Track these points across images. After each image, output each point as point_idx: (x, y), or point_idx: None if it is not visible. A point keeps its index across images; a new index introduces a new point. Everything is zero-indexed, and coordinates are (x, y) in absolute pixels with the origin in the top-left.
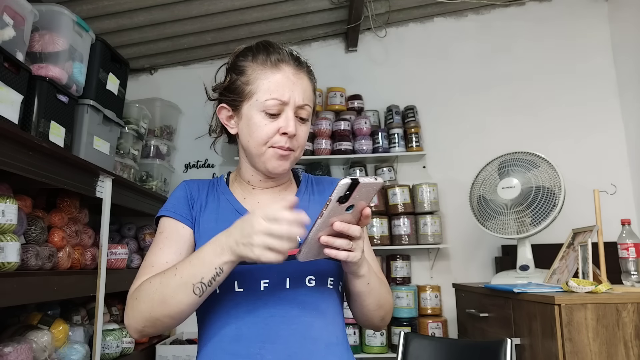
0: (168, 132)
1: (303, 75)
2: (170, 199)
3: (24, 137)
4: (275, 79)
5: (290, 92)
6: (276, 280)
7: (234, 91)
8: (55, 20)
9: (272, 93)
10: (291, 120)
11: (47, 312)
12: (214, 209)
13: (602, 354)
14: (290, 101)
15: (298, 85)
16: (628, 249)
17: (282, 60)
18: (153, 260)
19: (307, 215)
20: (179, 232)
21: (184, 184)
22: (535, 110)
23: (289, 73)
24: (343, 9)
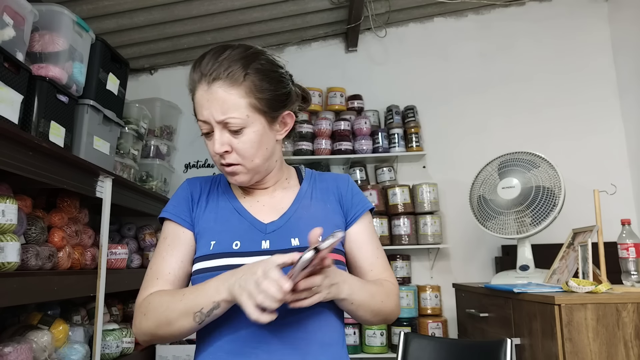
0: (168, 132)
1: (217, 88)
2: (172, 199)
3: (24, 137)
4: (195, 99)
5: (207, 110)
6: None
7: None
8: (55, 20)
9: (197, 114)
10: (217, 140)
11: (47, 312)
12: (213, 208)
13: (602, 354)
14: (211, 120)
15: (212, 102)
16: (628, 249)
17: (196, 78)
18: (157, 270)
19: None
20: (179, 238)
21: (186, 183)
22: (535, 110)
23: (202, 91)
24: (343, 9)
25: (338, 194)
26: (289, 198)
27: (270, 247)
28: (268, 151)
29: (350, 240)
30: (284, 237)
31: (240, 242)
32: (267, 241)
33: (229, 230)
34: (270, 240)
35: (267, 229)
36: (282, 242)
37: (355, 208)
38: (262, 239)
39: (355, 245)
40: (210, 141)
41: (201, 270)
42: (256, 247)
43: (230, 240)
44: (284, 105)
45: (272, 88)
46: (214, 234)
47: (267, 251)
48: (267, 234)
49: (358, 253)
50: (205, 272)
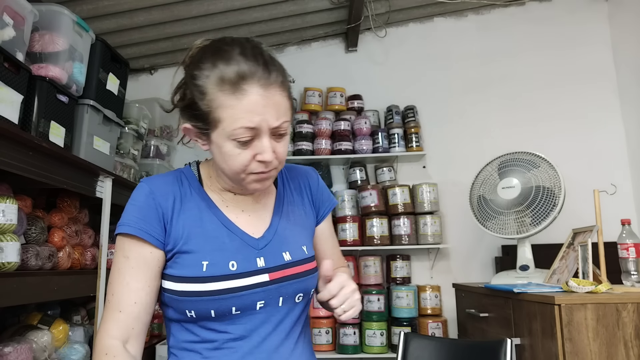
0: (168, 132)
1: (274, 91)
2: (133, 209)
3: (24, 137)
4: (241, 106)
5: (260, 116)
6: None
7: (198, 116)
8: (55, 20)
9: (239, 121)
10: (268, 146)
11: (47, 312)
12: (197, 219)
13: (602, 354)
14: (262, 126)
15: (270, 107)
16: (628, 249)
17: (244, 76)
18: (119, 301)
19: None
20: (146, 259)
21: (147, 187)
22: (535, 110)
23: (257, 94)
24: (343, 9)
25: (310, 193)
26: (270, 202)
27: (266, 264)
28: None
29: (318, 235)
30: (276, 251)
31: (236, 263)
32: (261, 258)
33: (221, 249)
34: (264, 257)
35: (259, 245)
36: (275, 257)
37: (325, 205)
38: (256, 257)
39: (321, 239)
40: (246, 150)
41: (194, 293)
42: (252, 267)
43: (226, 261)
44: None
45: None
46: (204, 252)
47: (263, 269)
48: (260, 250)
49: (323, 246)
50: (200, 296)
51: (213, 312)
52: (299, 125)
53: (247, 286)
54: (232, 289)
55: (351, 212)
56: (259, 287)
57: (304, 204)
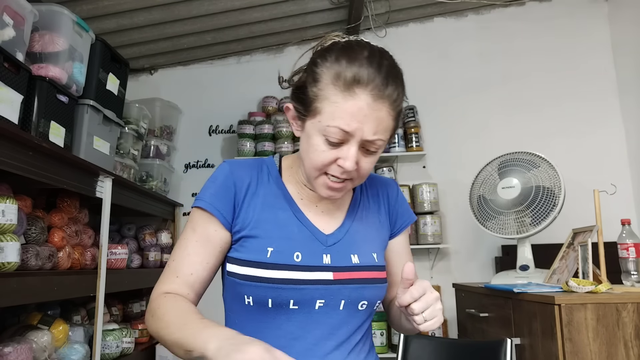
0: (168, 132)
1: (382, 105)
2: (211, 186)
3: (24, 137)
4: (345, 107)
5: (359, 124)
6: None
7: (302, 100)
8: (55, 20)
9: (336, 120)
10: (353, 155)
11: (47, 312)
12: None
13: (602, 354)
14: (356, 134)
15: (371, 118)
16: (628, 249)
17: (360, 80)
18: (178, 267)
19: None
20: (209, 236)
21: (227, 167)
22: (535, 110)
23: (363, 102)
24: (343, 9)
25: (387, 203)
26: (345, 204)
27: (332, 262)
28: None
29: (392, 250)
30: (344, 252)
31: (301, 254)
32: (328, 255)
33: (289, 238)
34: (331, 255)
35: (328, 241)
36: (343, 258)
37: (402, 219)
38: (323, 252)
39: (395, 253)
40: (332, 150)
41: (254, 278)
42: (318, 262)
43: (291, 251)
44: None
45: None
46: (271, 239)
47: (328, 266)
48: (328, 247)
49: (397, 261)
50: (260, 282)
51: (271, 301)
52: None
53: (308, 280)
54: (292, 280)
55: None
56: (321, 284)
57: (380, 213)
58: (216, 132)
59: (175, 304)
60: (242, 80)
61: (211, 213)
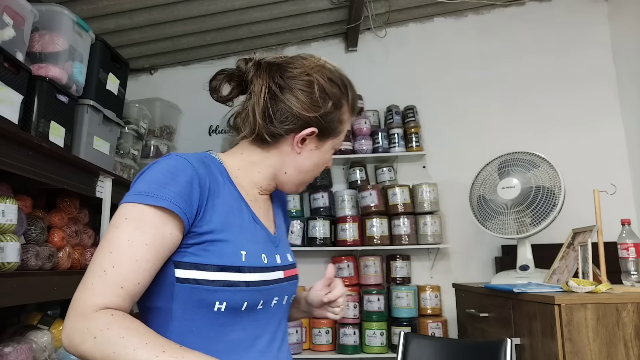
0: (168, 132)
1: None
2: (168, 182)
3: (24, 137)
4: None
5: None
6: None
7: (330, 123)
8: (55, 20)
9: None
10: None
11: (47, 312)
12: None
13: (602, 354)
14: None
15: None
16: (628, 249)
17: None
18: (124, 276)
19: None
20: (164, 240)
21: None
22: (535, 110)
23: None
24: (343, 9)
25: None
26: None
27: (281, 262)
28: None
29: None
30: (284, 251)
31: (266, 256)
32: (278, 255)
33: (255, 242)
34: (279, 255)
35: (275, 242)
36: (285, 257)
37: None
38: (275, 253)
39: None
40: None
41: (233, 283)
42: (274, 262)
43: (259, 253)
44: None
45: None
46: (242, 242)
47: (280, 266)
48: (276, 247)
49: None
50: (239, 286)
51: (246, 304)
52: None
53: (271, 280)
54: (263, 282)
55: (351, 212)
56: (277, 283)
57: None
58: (216, 132)
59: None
60: None
61: (175, 214)
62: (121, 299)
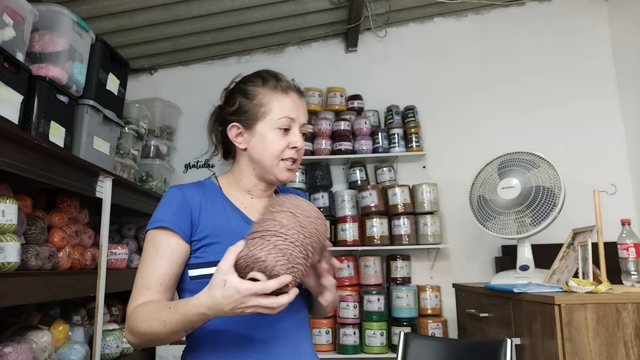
0: (168, 132)
1: (304, 101)
2: (166, 208)
3: (24, 137)
4: (287, 102)
5: (297, 112)
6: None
7: (247, 113)
8: (55, 20)
9: (284, 112)
10: (298, 135)
11: (47, 312)
12: (222, 216)
13: (602, 354)
14: (297, 120)
15: (302, 108)
16: (628, 249)
17: (289, 87)
18: (148, 281)
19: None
20: (173, 250)
21: (179, 190)
22: (535, 110)
23: (295, 97)
24: (343, 9)
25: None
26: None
27: None
28: None
29: None
30: None
31: None
32: None
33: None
34: None
35: None
36: None
37: None
38: None
39: None
40: (284, 137)
41: None
42: None
43: None
44: None
45: None
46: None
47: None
48: None
49: None
50: None
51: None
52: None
53: None
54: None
55: (351, 212)
56: None
57: None
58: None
59: (152, 305)
60: None
61: (173, 230)
62: (149, 296)
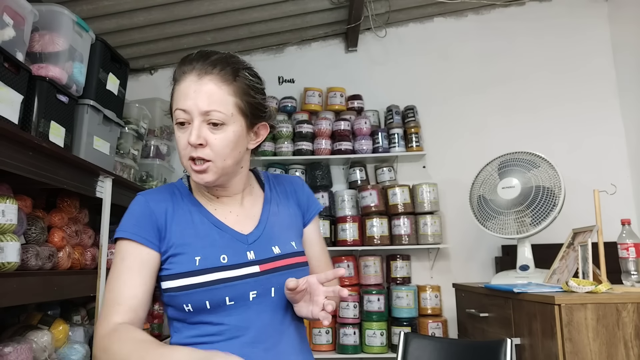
0: (168, 132)
1: (208, 80)
2: (129, 218)
3: (24, 137)
4: (179, 89)
5: (191, 100)
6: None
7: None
8: (55, 20)
9: (176, 104)
10: (195, 129)
11: (47, 312)
12: (189, 222)
13: (602, 354)
14: (193, 109)
15: (200, 93)
16: (628, 249)
17: (187, 70)
18: (118, 295)
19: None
20: (142, 259)
21: (142, 198)
22: (535, 110)
23: (191, 82)
24: (343, 9)
25: (296, 197)
26: (258, 204)
27: (256, 257)
28: (240, 155)
29: (305, 238)
30: (265, 246)
31: (227, 256)
32: (251, 252)
33: (213, 245)
34: (254, 251)
35: (248, 240)
36: (265, 251)
37: (310, 210)
38: (246, 250)
39: (309, 242)
40: (184, 133)
41: (189, 287)
42: (243, 259)
43: (217, 255)
44: (262, 116)
45: (257, 96)
46: (196, 249)
47: (253, 261)
48: (250, 244)
49: (311, 249)
50: (194, 288)
51: (208, 303)
52: (299, 125)
53: (238, 277)
54: (223, 280)
55: (351, 212)
56: (251, 277)
57: (290, 206)
58: None
59: (128, 334)
60: None
61: (136, 241)
62: (121, 314)
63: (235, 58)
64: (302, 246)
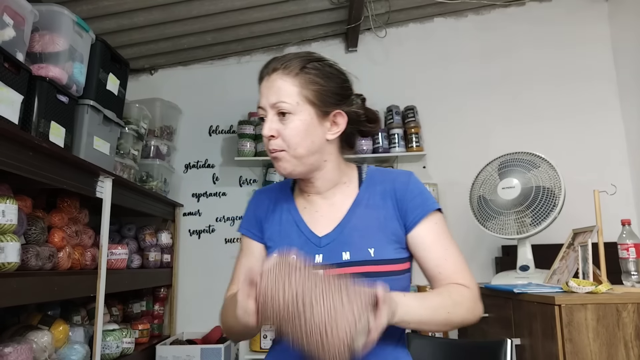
0: (168, 132)
1: (275, 77)
2: (245, 214)
3: (24, 137)
4: (259, 90)
5: (264, 97)
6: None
7: None
8: (55, 21)
9: (258, 103)
10: (267, 124)
11: (47, 312)
12: (277, 220)
13: (603, 355)
14: (265, 104)
15: (270, 89)
16: (628, 249)
17: (264, 72)
18: (234, 278)
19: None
20: (251, 251)
21: (252, 198)
22: (535, 110)
23: (265, 81)
24: (343, 9)
25: (394, 198)
26: (347, 205)
27: (323, 260)
28: (315, 145)
29: (414, 243)
30: (336, 250)
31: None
32: (320, 255)
33: (289, 244)
34: (323, 254)
35: (321, 243)
36: (334, 255)
37: (414, 211)
38: (315, 253)
39: (420, 247)
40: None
41: None
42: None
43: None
44: (335, 103)
45: (324, 83)
46: (277, 247)
47: (319, 265)
48: (321, 247)
49: (424, 255)
50: None
51: None
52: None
53: None
54: None
55: None
56: None
57: (386, 207)
58: (216, 132)
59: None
60: (242, 80)
61: (245, 235)
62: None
63: (304, 53)
64: (390, 253)
